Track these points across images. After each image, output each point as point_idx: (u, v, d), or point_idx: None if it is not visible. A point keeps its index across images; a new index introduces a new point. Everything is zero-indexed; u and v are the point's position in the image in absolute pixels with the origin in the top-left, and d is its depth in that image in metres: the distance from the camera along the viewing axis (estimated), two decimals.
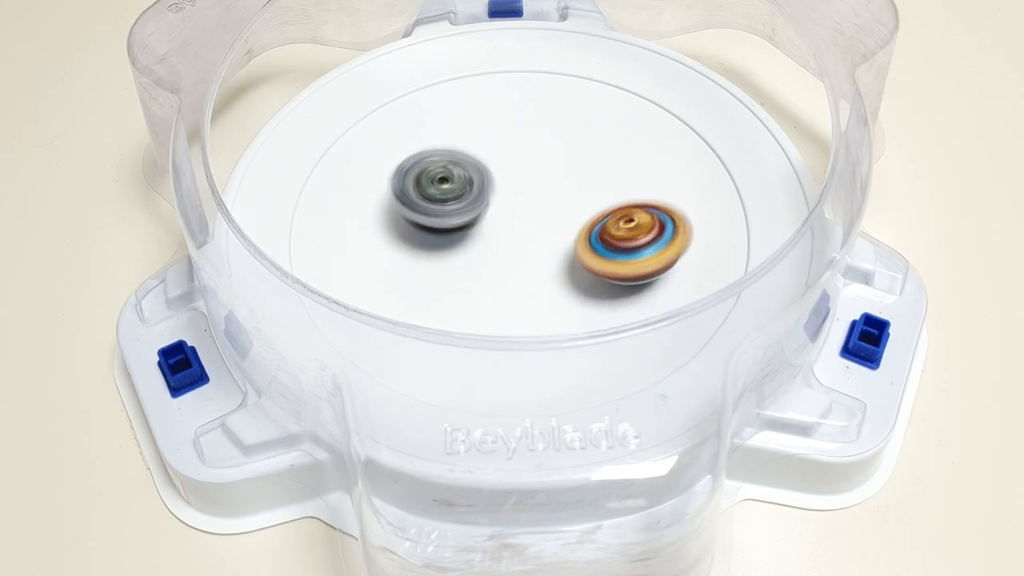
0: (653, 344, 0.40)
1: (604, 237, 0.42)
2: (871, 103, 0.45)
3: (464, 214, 0.44)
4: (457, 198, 0.43)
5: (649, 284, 0.43)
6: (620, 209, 0.43)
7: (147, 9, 0.46)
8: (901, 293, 0.44)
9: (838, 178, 0.41)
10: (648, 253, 0.41)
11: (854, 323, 0.43)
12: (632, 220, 0.42)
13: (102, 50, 0.57)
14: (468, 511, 0.37)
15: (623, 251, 0.41)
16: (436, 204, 0.43)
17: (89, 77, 0.56)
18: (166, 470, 0.42)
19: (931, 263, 0.47)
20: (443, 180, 0.43)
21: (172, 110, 0.44)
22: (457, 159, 0.44)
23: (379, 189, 0.46)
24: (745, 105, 0.48)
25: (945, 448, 0.43)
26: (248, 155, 0.47)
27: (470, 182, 0.44)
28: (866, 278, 0.44)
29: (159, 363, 0.42)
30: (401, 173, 0.44)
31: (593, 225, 0.43)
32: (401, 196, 0.43)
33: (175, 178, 0.42)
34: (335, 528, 0.41)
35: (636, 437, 0.38)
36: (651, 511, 0.37)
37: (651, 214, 0.42)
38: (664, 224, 0.42)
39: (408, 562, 0.36)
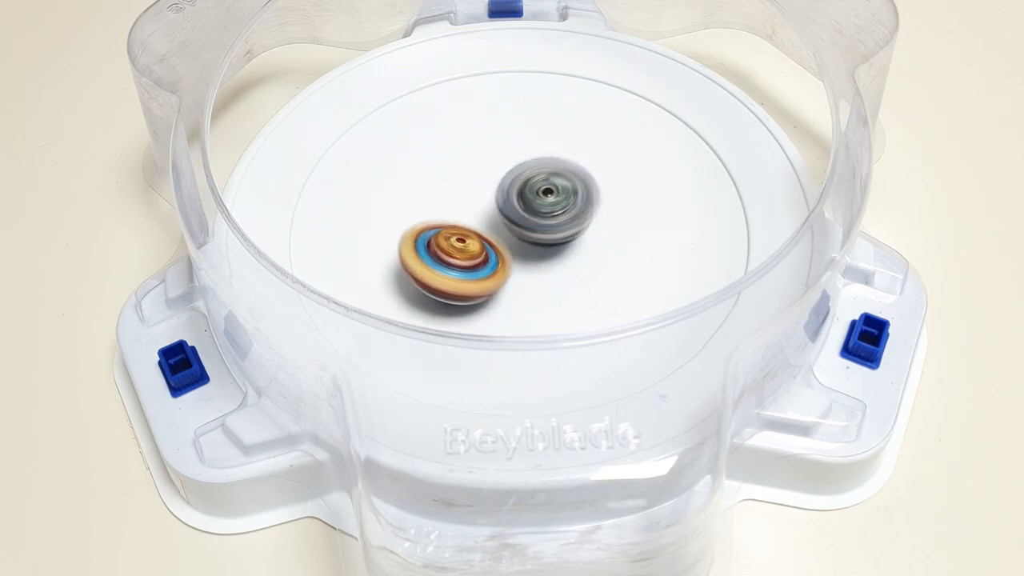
0: (653, 344, 0.40)
1: (433, 247, 0.42)
2: (871, 103, 0.45)
3: (569, 227, 0.43)
4: (563, 211, 0.43)
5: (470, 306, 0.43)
6: (455, 228, 0.43)
7: (147, 9, 0.46)
8: (901, 293, 0.44)
9: (838, 178, 0.41)
10: (469, 276, 0.41)
11: (854, 323, 0.43)
12: (464, 241, 0.42)
13: (102, 50, 0.57)
14: (468, 511, 0.37)
15: (448, 266, 0.41)
16: (541, 218, 0.42)
17: (89, 77, 0.56)
18: (166, 470, 0.42)
19: (931, 263, 0.47)
20: (547, 192, 0.43)
21: (172, 110, 0.44)
22: (560, 169, 0.43)
23: (379, 189, 0.46)
24: (745, 105, 0.48)
25: (945, 448, 0.43)
26: (248, 155, 0.47)
27: (574, 192, 0.43)
28: (866, 278, 0.44)
29: (159, 363, 0.42)
30: (504, 188, 0.43)
31: (424, 230, 0.42)
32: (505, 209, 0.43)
33: (175, 178, 0.42)
34: (335, 528, 0.41)
35: (636, 437, 0.38)
36: (651, 511, 0.37)
37: (482, 244, 0.42)
38: (489, 257, 0.42)
39: (408, 562, 0.36)
